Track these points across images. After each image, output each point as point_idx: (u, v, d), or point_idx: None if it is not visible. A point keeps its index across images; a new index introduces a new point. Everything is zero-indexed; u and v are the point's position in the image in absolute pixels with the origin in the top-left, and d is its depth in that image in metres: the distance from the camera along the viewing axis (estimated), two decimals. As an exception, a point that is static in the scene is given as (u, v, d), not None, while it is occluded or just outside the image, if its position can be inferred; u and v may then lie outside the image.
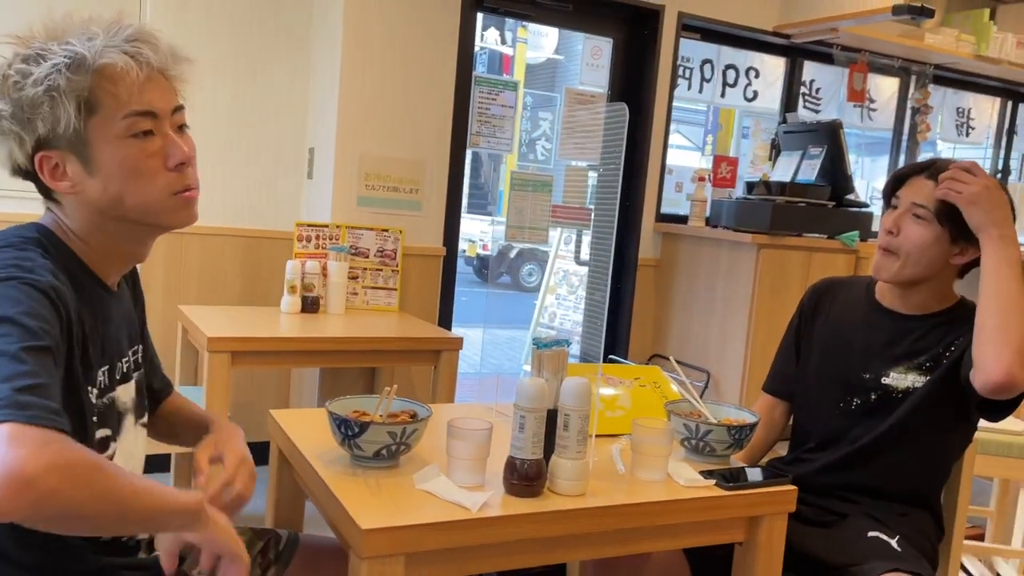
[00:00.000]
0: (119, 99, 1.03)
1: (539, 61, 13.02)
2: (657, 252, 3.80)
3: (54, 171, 1.06)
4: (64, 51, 1.00)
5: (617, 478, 1.42)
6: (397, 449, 1.33)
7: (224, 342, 2.35)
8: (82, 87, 1.01)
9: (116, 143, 1.04)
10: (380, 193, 3.14)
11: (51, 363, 0.91)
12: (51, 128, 1.01)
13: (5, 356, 0.85)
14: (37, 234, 1.07)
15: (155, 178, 1.07)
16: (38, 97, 1.00)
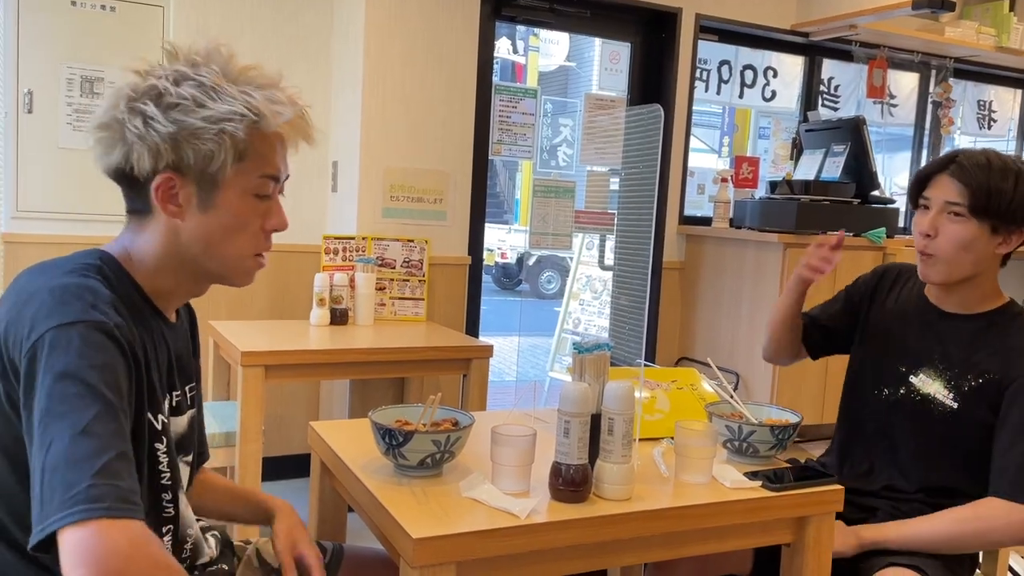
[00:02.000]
0: (264, 160, 1.08)
1: (551, 69, 13.05)
2: (681, 254, 3.78)
3: (168, 193, 1.06)
4: (247, 103, 1.03)
5: (661, 481, 1.41)
6: (441, 457, 1.33)
7: (257, 356, 2.36)
8: (247, 142, 1.04)
9: (241, 195, 1.07)
10: (405, 204, 3.15)
11: (122, 422, 0.91)
12: (196, 160, 1.03)
13: (78, 432, 0.85)
14: (99, 262, 1.05)
15: (250, 236, 1.10)
16: (205, 132, 1.01)
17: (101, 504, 0.82)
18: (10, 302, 0.98)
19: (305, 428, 1.54)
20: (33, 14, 2.97)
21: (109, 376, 0.92)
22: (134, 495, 0.86)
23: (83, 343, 0.91)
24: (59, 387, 0.88)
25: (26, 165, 3.04)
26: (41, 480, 0.84)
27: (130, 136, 1.02)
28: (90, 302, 0.95)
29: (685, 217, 3.82)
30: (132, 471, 0.89)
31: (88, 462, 0.84)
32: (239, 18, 3.14)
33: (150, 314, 1.10)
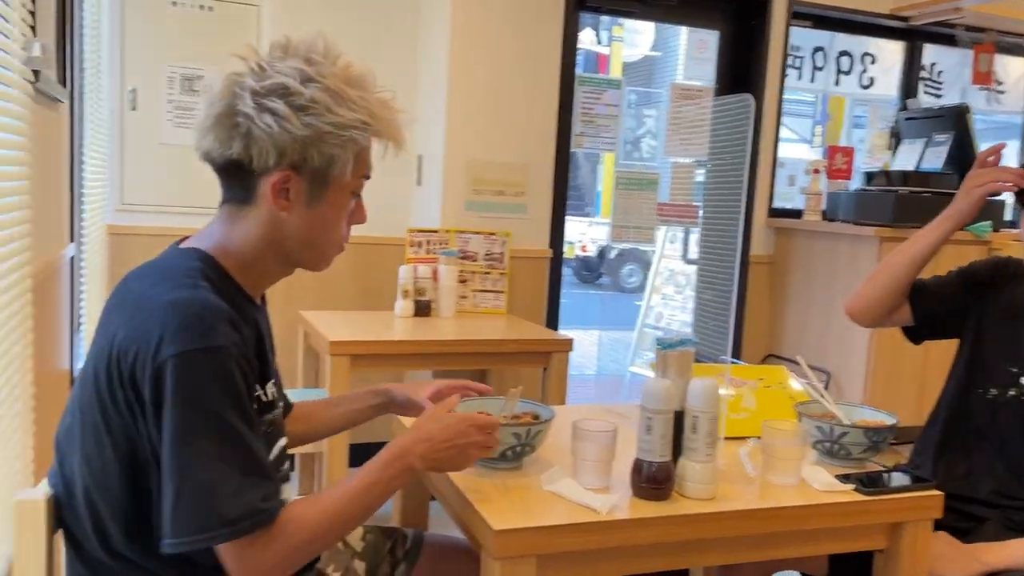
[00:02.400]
0: (366, 162, 1.14)
1: (636, 59, 12.88)
2: (770, 248, 3.68)
3: (282, 188, 1.09)
4: (368, 112, 1.08)
5: (747, 481, 1.38)
6: (522, 451, 1.34)
7: (344, 345, 2.41)
8: (364, 145, 1.10)
9: (343, 195, 1.13)
10: (487, 197, 3.17)
11: (248, 440, 1.00)
12: (319, 162, 1.07)
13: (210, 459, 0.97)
14: (199, 263, 1.08)
15: (337, 231, 1.16)
16: (332, 137, 1.05)
17: (233, 527, 0.97)
18: (126, 312, 1.03)
19: (389, 417, 1.56)
20: (136, 14, 3.10)
21: (231, 397, 0.99)
22: (266, 499, 1.00)
23: (207, 371, 0.97)
24: (189, 416, 0.96)
25: (130, 160, 3.18)
26: (177, 499, 0.96)
27: (258, 132, 1.04)
28: (209, 323, 0.99)
29: (774, 209, 3.71)
30: (260, 474, 1.01)
31: (222, 488, 0.96)
32: (330, 15, 3.20)
33: (246, 304, 1.15)
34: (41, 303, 1.65)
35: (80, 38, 2.29)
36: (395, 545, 1.43)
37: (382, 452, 1.15)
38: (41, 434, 1.54)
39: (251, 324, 1.13)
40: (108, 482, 1.02)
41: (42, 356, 1.66)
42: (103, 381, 1.00)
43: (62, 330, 2.12)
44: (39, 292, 1.64)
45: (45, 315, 1.77)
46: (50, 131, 1.87)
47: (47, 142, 1.81)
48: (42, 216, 1.74)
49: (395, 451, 1.15)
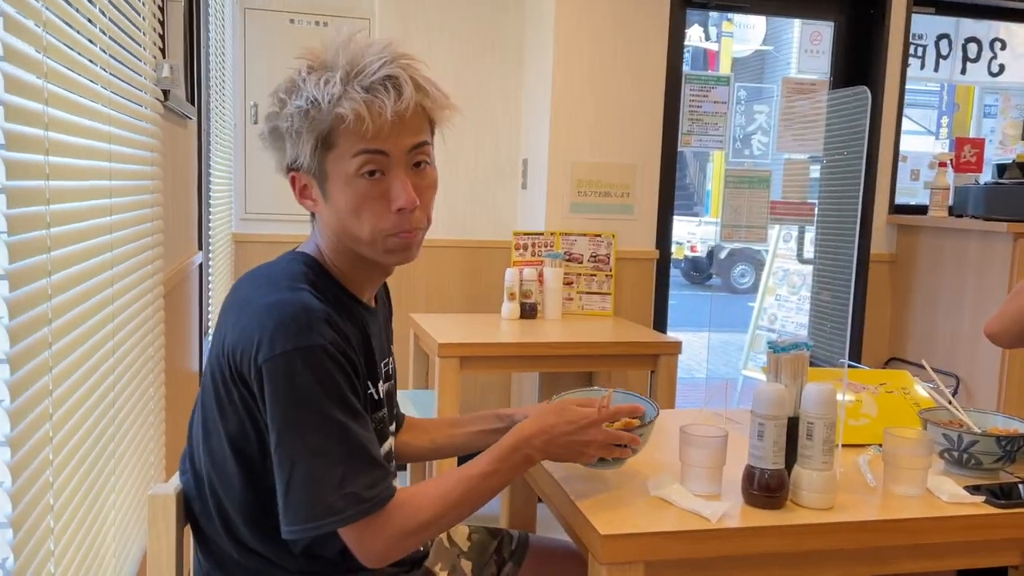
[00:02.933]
0: (351, 139, 1.06)
1: (746, 54, 12.55)
2: (892, 247, 3.51)
3: (303, 190, 1.13)
4: (308, 95, 1.05)
5: (868, 492, 1.32)
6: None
7: (453, 348, 2.46)
8: (321, 128, 1.06)
9: (346, 180, 1.08)
10: (592, 199, 3.16)
11: (351, 430, 1.04)
12: (295, 157, 1.09)
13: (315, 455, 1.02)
14: (304, 266, 1.13)
15: (376, 219, 1.09)
16: (287, 129, 1.07)
17: (342, 515, 1.02)
18: (234, 313, 1.08)
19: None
20: (257, 33, 3.27)
21: (332, 392, 1.03)
22: (372, 487, 1.04)
23: (305, 370, 1.01)
24: (293, 414, 1.01)
25: (252, 172, 3.35)
26: (287, 494, 1.02)
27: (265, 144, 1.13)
28: (305, 323, 1.03)
29: (896, 206, 3.53)
30: (367, 462, 1.05)
31: (326, 479, 1.01)
32: (437, 26, 3.27)
33: (353, 304, 1.17)
34: (172, 308, 1.76)
35: (206, 58, 2.42)
36: (501, 545, 1.45)
37: (502, 441, 1.17)
38: (172, 432, 1.64)
39: (357, 324, 1.15)
40: (229, 476, 1.08)
41: (173, 358, 1.77)
42: (219, 379, 1.06)
43: (191, 333, 2.25)
44: (171, 298, 1.75)
45: (176, 319, 1.88)
46: (179, 146, 1.99)
47: (177, 157, 1.93)
48: (173, 226, 1.86)
49: (515, 441, 1.16)
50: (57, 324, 0.89)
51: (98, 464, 1.10)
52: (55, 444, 0.90)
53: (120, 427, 1.21)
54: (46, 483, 0.87)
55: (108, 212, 1.13)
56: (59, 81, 0.89)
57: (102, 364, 1.11)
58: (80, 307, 1.00)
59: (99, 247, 1.09)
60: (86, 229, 1.02)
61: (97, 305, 1.08)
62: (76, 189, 0.98)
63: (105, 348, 1.12)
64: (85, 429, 1.03)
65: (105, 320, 1.13)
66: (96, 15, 1.09)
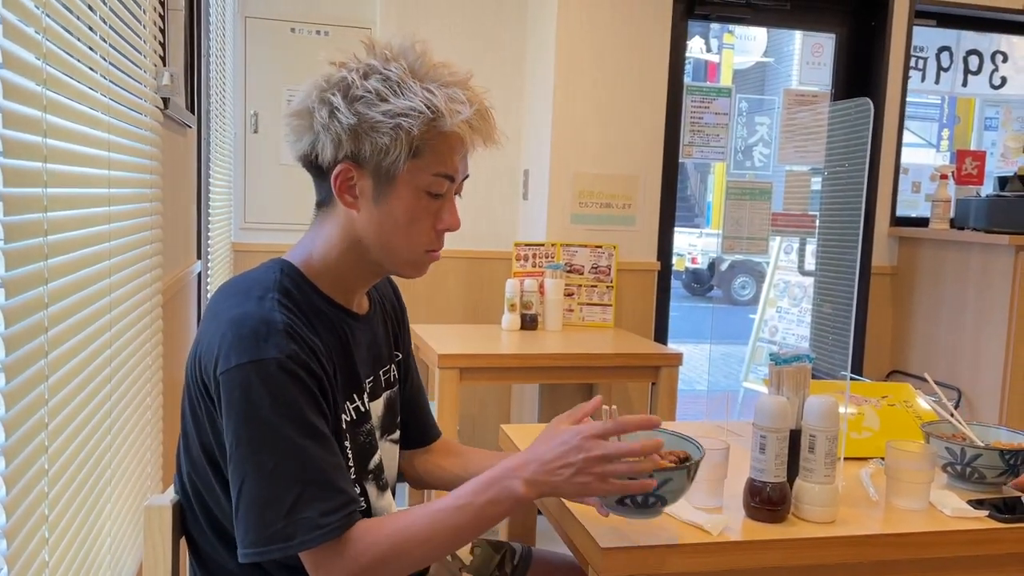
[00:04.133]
0: (439, 158, 1.06)
1: (747, 66, 12.59)
2: (893, 259, 3.50)
3: (347, 182, 1.07)
4: (426, 100, 1.02)
5: (870, 505, 1.31)
6: (644, 500, 1.07)
7: (453, 359, 2.45)
8: (423, 138, 1.03)
9: (414, 191, 1.07)
10: (593, 210, 3.15)
11: (308, 452, 0.98)
12: (373, 153, 1.03)
13: (266, 474, 0.96)
14: (279, 273, 1.08)
15: (421, 235, 1.10)
16: (383, 126, 1.01)
17: (291, 542, 0.96)
18: (206, 323, 1.07)
19: (496, 430, 1.56)
20: (258, 42, 3.27)
21: (288, 410, 0.98)
22: (327, 514, 0.97)
23: (257, 384, 0.97)
24: (244, 429, 0.98)
25: (252, 181, 3.35)
26: (237, 512, 0.98)
27: (316, 125, 1.04)
28: (264, 335, 0.99)
29: (898, 218, 3.53)
30: (323, 486, 0.98)
31: (277, 503, 0.96)
32: (439, 35, 3.28)
33: (335, 314, 1.13)
34: (170, 317, 1.75)
35: (207, 67, 2.42)
36: (504, 559, 1.43)
37: (482, 474, 1.04)
38: (169, 442, 1.63)
39: (335, 333, 1.11)
40: (211, 486, 1.07)
41: (171, 367, 1.76)
42: (192, 390, 1.05)
43: (189, 342, 2.24)
44: (169, 307, 1.74)
45: (174, 328, 1.87)
46: (179, 155, 1.98)
47: (176, 165, 1.92)
48: (172, 235, 1.85)
49: (495, 473, 1.02)
50: (53, 333, 0.89)
51: (94, 474, 1.09)
52: (50, 454, 0.89)
53: (116, 437, 1.20)
54: (41, 494, 0.86)
55: (107, 220, 1.12)
56: (58, 88, 0.88)
57: (99, 373, 1.10)
58: (77, 315, 0.99)
59: (97, 255, 1.08)
60: (84, 237, 1.02)
61: (95, 314, 1.07)
62: (74, 196, 0.98)
63: (102, 357, 1.12)
64: (81, 439, 1.02)
65: (102, 329, 1.12)
66: (97, 23, 1.09)
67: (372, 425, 1.20)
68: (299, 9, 3.30)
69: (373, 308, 1.25)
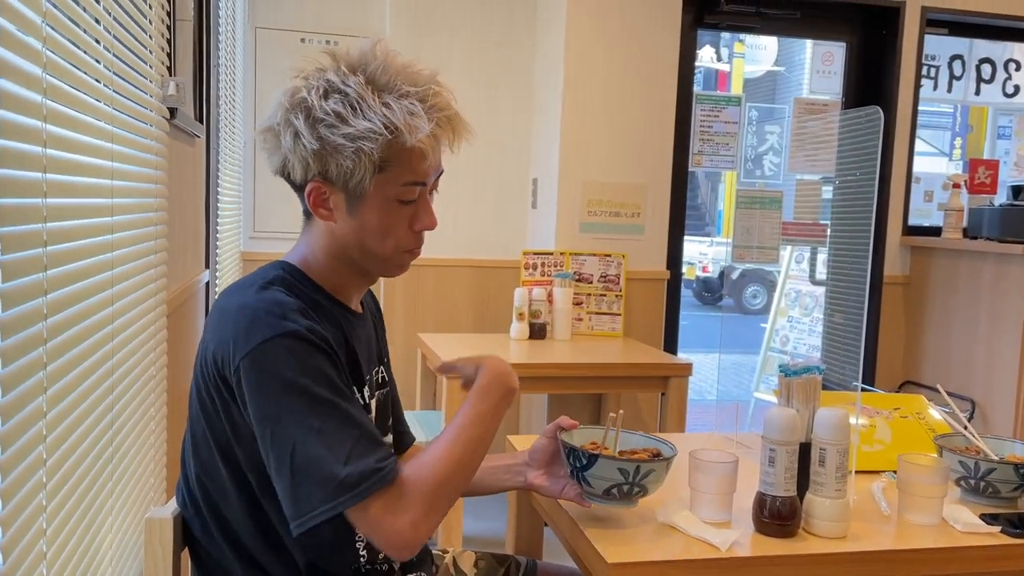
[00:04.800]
0: (406, 168, 1.07)
1: (757, 75, 12.56)
2: (905, 268, 3.47)
3: (320, 197, 1.09)
4: (384, 119, 1.02)
5: (881, 520, 1.29)
6: (630, 490, 1.20)
7: (459, 369, 2.43)
8: (386, 155, 1.04)
9: (384, 202, 1.08)
10: (602, 219, 3.14)
11: (344, 408, 1.00)
12: (339, 173, 1.05)
13: (313, 435, 0.97)
14: (281, 271, 1.11)
15: (399, 239, 1.12)
16: (345, 149, 1.03)
17: (357, 489, 0.96)
18: (212, 323, 1.07)
19: (504, 440, 1.55)
20: (268, 52, 3.28)
21: (316, 375, 1.00)
22: (382, 459, 0.99)
23: (287, 355, 0.99)
24: (282, 398, 0.98)
25: (261, 190, 3.35)
26: (293, 480, 0.97)
27: (284, 147, 1.06)
28: (279, 314, 1.01)
29: (910, 227, 3.50)
30: (369, 439, 1.00)
31: (332, 457, 0.96)
32: (448, 45, 3.28)
33: (337, 309, 1.15)
34: (176, 327, 1.75)
35: (216, 77, 2.43)
36: (508, 572, 1.42)
37: (477, 382, 1.13)
38: (173, 454, 1.62)
39: (336, 326, 1.13)
40: (223, 488, 1.06)
41: (175, 378, 1.75)
42: (204, 392, 1.05)
43: (195, 352, 2.24)
44: (175, 317, 1.74)
45: (180, 338, 1.87)
46: (187, 164, 1.98)
47: (183, 175, 1.92)
48: (179, 245, 1.85)
49: (484, 384, 1.13)
50: (53, 344, 0.88)
51: (94, 487, 1.08)
52: (48, 467, 0.88)
53: (118, 449, 1.19)
54: (39, 507, 0.85)
55: (110, 230, 1.12)
56: (59, 98, 0.88)
57: (99, 385, 1.10)
58: (78, 326, 0.98)
59: (99, 265, 1.08)
60: (86, 247, 1.01)
61: (96, 325, 1.07)
62: (76, 207, 0.97)
63: (103, 369, 1.11)
64: (81, 452, 1.01)
65: (104, 340, 1.11)
66: (101, 33, 1.09)
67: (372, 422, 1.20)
68: (308, 19, 3.31)
69: (366, 311, 1.27)
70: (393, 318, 3.23)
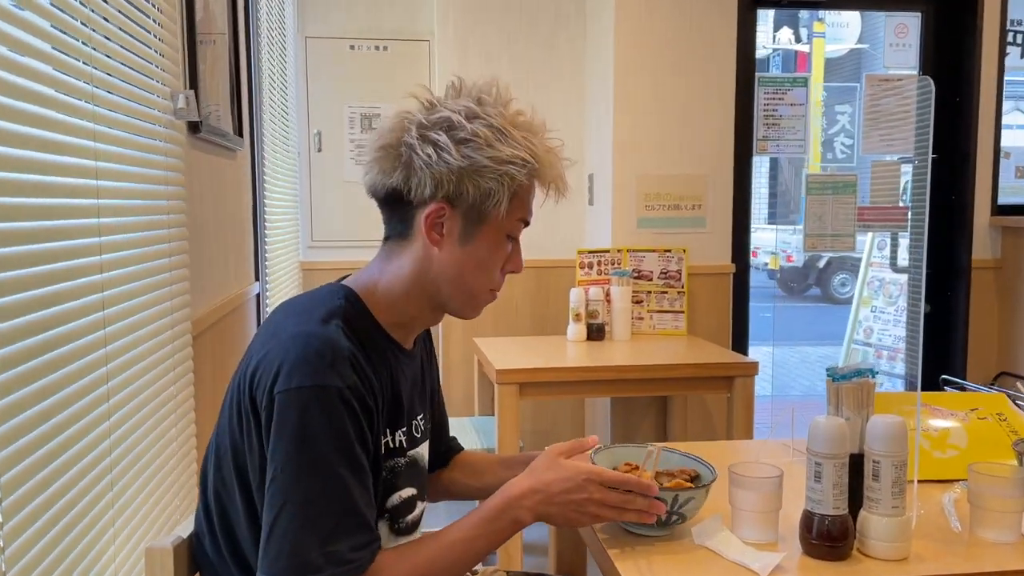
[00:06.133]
0: (525, 204, 1.10)
1: (840, 54, 12.04)
2: (996, 251, 3.21)
3: (436, 221, 1.07)
4: (529, 150, 1.06)
5: (951, 538, 1.15)
6: (667, 519, 1.12)
7: (512, 374, 2.37)
8: (521, 187, 1.07)
9: (498, 235, 1.09)
10: (661, 212, 3.02)
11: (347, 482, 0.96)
12: (474, 196, 1.05)
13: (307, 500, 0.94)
14: (344, 301, 1.07)
15: (490, 275, 1.12)
16: (489, 171, 1.04)
17: (322, 573, 0.93)
18: (263, 338, 1.04)
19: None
20: (319, 63, 3.29)
21: (341, 442, 0.97)
22: (356, 549, 0.96)
23: (316, 410, 0.95)
24: (295, 453, 0.95)
25: (318, 199, 3.37)
26: (270, 535, 0.94)
27: (418, 162, 1.04)
28: (329, 361, 0.97)
29: (1000, 206, 3.24)
30: (356, 525, 0.97)
31: (312, 532, 0.93)
32: (497, 45, 3.22)
33: (390, 348, 1.11)
34: (210, 345, 1.73)
35: (257, 89, 2.43)
36: (543, 593, 1.35)
37: (489, 501, 1.07)
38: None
39: (387, 368, 1.08)
40: (236, 507, 1.03)
41: (214, 395, 1.74)
42: (235, 406, 1.02)
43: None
44: (208, 335, 1.72)
45: (218, 355, 1.86)
46: (225, 178, 1.98)
47: (218, 190, 1.92)
48: (211, 260, 1.84)
49: (502, 503, 1.06)
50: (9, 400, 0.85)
51: (104, 518, 1.06)
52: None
53: (115, 483, 1.17)
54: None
55: (98, 251, 1.09)
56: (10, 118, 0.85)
57: (97, 426, 1.08)
58: (54, 352, 0.96)
59: (85, 288, 1.05)
60: (66, 270, 0.98)
61: (83, 349, 1.04)
62: (50, 229, 0.95)
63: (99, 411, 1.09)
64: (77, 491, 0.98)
65: (97, 363, 1.09)
66: (88, 54, 1.07)
67: (403, 462, 1.15)
68: (357, 26, 3.31)
69: (417, 346, 1.22)
70: (453, 322, 3.19)
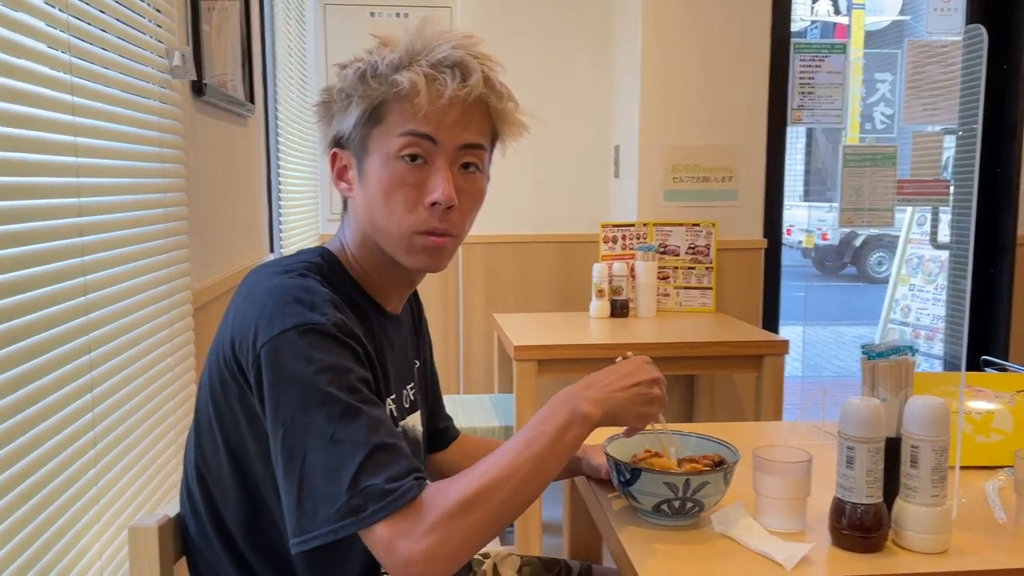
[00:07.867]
0: (402, 116, 0.98)
1: (881, 26, 11.69)
2: (1044, 226, 3.06)
3: (341, 171, 1.05)
4: (367, 61, 1.00)
5: (995, 530, 1.06)
6: (682, 506, 1.05)
7: (530, 350, 2.29)
8: (372, 96, 0.98)
9: (385, 159, 0.99)
10: (689, 185, 2.91)
11: (364, 413, 0.88)
12: (340, 128, 1.02)
13: (326, 444, 0.86)
14: (320, 259, 1.03)
15: (406, 209, 1.00)
16: (338, 95, 1.02)
17: (362, 514, 0.84)
18: (238, 301, 0.97)
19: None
20: (338, 29, 3.21)
21: (339, 375, 0.89)
22: (394, 479, 0.86)
23: (310, 348, 0.88)
24: (296, 400, 0.87)
25: (337, 171, 3.30)
26: (299, 492, 0.86)
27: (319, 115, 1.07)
28: (308, 303, 0.91)
29: (1049, 179, 3.09)
30: (389, 454, 0.87)
31: (342, 472, 0.85)
32: (522, 13, 3.11)
33: (370, 309, 1.05)
34: (214, 318, 1.68)
35: (272, 56, 2.37)
36: (559, 575, 1.29)
37: (543, 407, 0.98)
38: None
39: (370, 329, 1.02)
40: (225, 489, 0.97)
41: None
42: (216, 379, 0.95)
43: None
44: (212, 308, 1.67)
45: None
46: (232, 146, 1.92)
47: (226, 157, 1.85)
48: (217, 231, 1.78)
49: (558, 400, 0.98)
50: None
51: (83, 497, 1.01)
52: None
53: (99, 460, 1.12)
54: None
55: (77, 213, 1.03)
56: None
57: (79, 397, 1.02)
58: (17, 346, 0.90)
59: (62, 251, 0.99)
60: (41, 229, 0.92)
61: (62, 315, 0.99)
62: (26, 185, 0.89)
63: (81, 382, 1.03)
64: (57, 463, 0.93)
65: (76, 333, 1.03)
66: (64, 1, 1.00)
67: (412, 440, 1.11)
68: (377, -8, 3.22)
69: (404, 312, 1.16)
70: (473, 297, 3.12)
